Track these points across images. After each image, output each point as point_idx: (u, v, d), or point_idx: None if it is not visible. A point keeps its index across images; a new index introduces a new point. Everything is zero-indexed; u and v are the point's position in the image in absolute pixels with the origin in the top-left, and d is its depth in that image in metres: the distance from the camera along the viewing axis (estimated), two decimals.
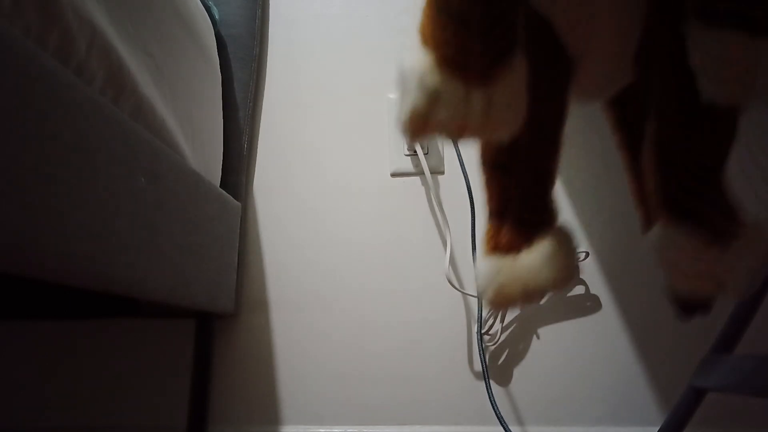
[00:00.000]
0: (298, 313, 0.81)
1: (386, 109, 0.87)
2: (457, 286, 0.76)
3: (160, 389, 0.79)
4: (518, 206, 0.42)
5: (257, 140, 0.89)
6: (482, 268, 0.43)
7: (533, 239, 0.41)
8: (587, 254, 0.76)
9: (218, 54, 0.82)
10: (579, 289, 0.77)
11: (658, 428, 0.60)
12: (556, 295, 0.77)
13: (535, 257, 0.41)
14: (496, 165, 0.43)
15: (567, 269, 0.41)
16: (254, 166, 0.88)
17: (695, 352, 0.63)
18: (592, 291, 0.77)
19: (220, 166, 0.79)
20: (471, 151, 0.81)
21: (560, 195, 0.80)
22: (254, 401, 0.78)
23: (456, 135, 0.34)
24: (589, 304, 0.76)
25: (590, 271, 0.77)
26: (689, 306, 0.48)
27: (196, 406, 0.73)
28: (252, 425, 0.77)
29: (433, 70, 0.33)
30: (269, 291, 0.82)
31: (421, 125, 0.34)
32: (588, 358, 0.74)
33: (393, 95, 0.86)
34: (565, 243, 0.42)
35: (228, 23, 0.88)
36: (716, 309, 0.71)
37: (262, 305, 0.82)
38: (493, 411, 0.69)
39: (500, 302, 0.42)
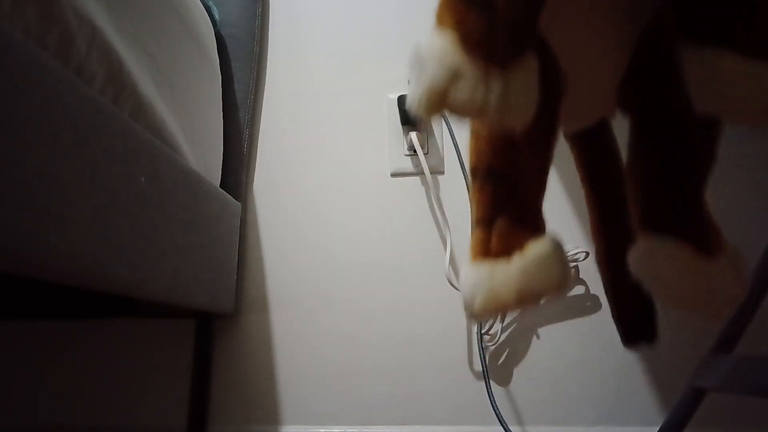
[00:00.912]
0: (297, 313, 0.81)
1: (386, 109, 0.87)
2: (457, 286, 0.76)
3: (160, 389, 0.79)
4: (510, 212, 0.42)
5: (257, 140, 0.89)
6: (470, 275, 0.41)
7: (525, 244, 0.40)
8: (587, 254, 0.76)
9: (218, 54, 0.82)
10: (579, 289, 0.77)
11: (658, 428, 0.60)
12: (554, 300, 0.77)
13: (530, 259, 0.39)
14: (489, 172, 0.43)
15: (564, 271, 0.39)
16: (254, 166, 0.88)
17: (695, 352, 0.63)
18: (592, 291, 0.76)
19: (220, 166, 0.79)
20: None
21: (560, 195, 0.81)
22: (254, 401, 0.78)
23: (473, 114, 0.34)
24: (589, 304, 0.76)
25: (590, 271, 0.77)
26: (634, 332, 0.50)
27: (196, 406, 0.73)
28: (252, 425, 0.77)
29: (453, 50, 0.33)
30: (269, 291, 0.82)
31: (438, 102, 0.33)
32: (588, 358, 0.74)
33: (393, 95, 0.86)
34: (558, 247, 0.40)
35: (228, 23, 0.88)
36: None
37: (262, 305, 0.82)
38: (493, 411, 0.69)
39: (492, 309, 0.40)
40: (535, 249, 0.39)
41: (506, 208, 0.41)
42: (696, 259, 0.37)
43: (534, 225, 0.42)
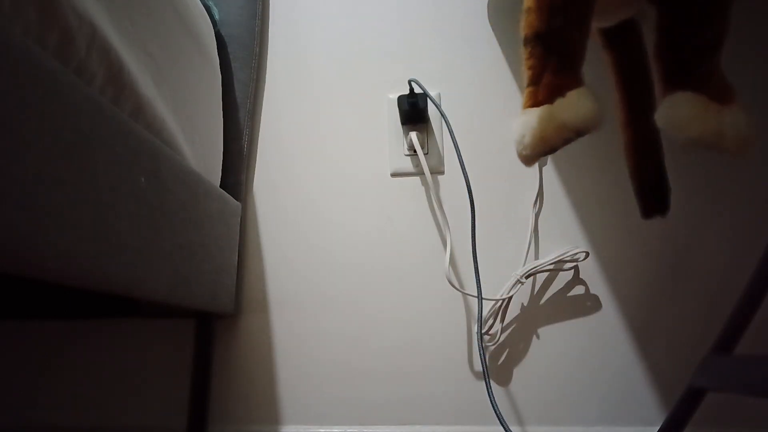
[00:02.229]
0: (297, 314, 0.81)
1: (386, 109, 0.87)
2: (457, 286, 0.76)
3: (160, 389, 0.79)
4: (554, 68, 0.51)
5: (257, 140, 0.89)
6: (520, 120, 0.52)
7: (567, 92, 0.49)
8: (587, 254, 0.76)
9: (218, 54, 0.82)
10: (579, 289, 0.77)
11: (658, 428, 0.60)
12: (557, 297, 0.77)
13: (569, 99, 0.49)
14: (537, 36, 0.52)
15: (595, 106, 0.48)
16: (254, 166, 0.88)
17: (695, 352, 0.63)
18: (592, 291, 0.77)
19: (220, 166, 0.79)
20: (471, 151, 0.82)
21: (560, 196, 0.81)
22: (254, 401, 0.78)
23: None
24: (589, 304, 0.76)
25: (590, 271, 0.77)
26: (651, 205, 0.64)
27: (196, 406, 0.73)
28: (252, 425, 0.77)
29: None
30: (269, 291, 0.82)
31: None
32: (588, 358, 0.75)
33: (393, 95, 0.86)
34: (591, 92, 0.50)
35: (228, 23, 0.88)
36: (716, 309, 0.71)
37: (262, 305, 0.82)
38: (493, 411, 0.69)
39: (539, 143, 0.49)
40: (572, 92, 0.49)
41: (551, 64, 0.51)
42: (709, 105, 0.46)
43: (574, 80, 0.51)
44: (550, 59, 0.52)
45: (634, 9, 0.61)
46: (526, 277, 0.75)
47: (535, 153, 0.51)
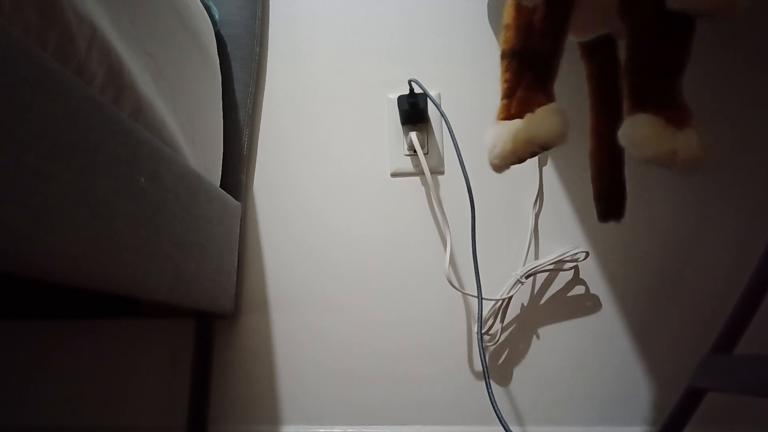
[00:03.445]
0: (298, 314, 0.81)
1: (386, 109, 0.87)
2: (457, 286, 0.76)
3: (160, 389, 0.80)
4: (527, 84, 0.55)
5: (257, 140, 0.89)
6: (493, 131, 0.55)
7: (537, 108, 0.53)
8: (587, 254, 0.76)
9: (218, 54, 0.82)
10: (579, 289, 0.77)
11: (658, 428, 0.60)
12: (557, 297, 0.77)
13: (537, 116, 0.52)
14: (513, 53, 0.56)
15: (562, 123, 0.52)
16: (254, 166, 0.88)
17: (695, 352, 0.63)
18: (592, 291, 0.77)
19: (220, 166, 0.79)
20: (471, 151, 0.82)
21: (561, 196, 0.81)
22: (254, 401, 0.78)
23: None
24: (589, 304, 0.76)
25: (590, 271, 0.77)
26: (606, 210, 0.67)
27: (196, 406, 0.73)
28: (252, 425, 0.77)
29: None
30: (269, 291, 0.82)
31: None
32: (588, 358, 0.75)
33: (393, 95, 0.86)
34: (559, 109, 0.53)
35: (228, 23, 0.88)
36: (716, 309, 0.71)
37: (262, 305, 0.82)
38: (493, 411, 0.69)
39: (508, 155, 0.53)
40: (541, 109, 0.52)
41: (525, 79, 0.55)
42: (665, 127, 0.48)
43: (545, 97, 0.54)
44: (524, 75, 0.55)
45: (610, 27, 0.64)
46: (526, 277, 0.75)
47: (505, 163, 0.55)
